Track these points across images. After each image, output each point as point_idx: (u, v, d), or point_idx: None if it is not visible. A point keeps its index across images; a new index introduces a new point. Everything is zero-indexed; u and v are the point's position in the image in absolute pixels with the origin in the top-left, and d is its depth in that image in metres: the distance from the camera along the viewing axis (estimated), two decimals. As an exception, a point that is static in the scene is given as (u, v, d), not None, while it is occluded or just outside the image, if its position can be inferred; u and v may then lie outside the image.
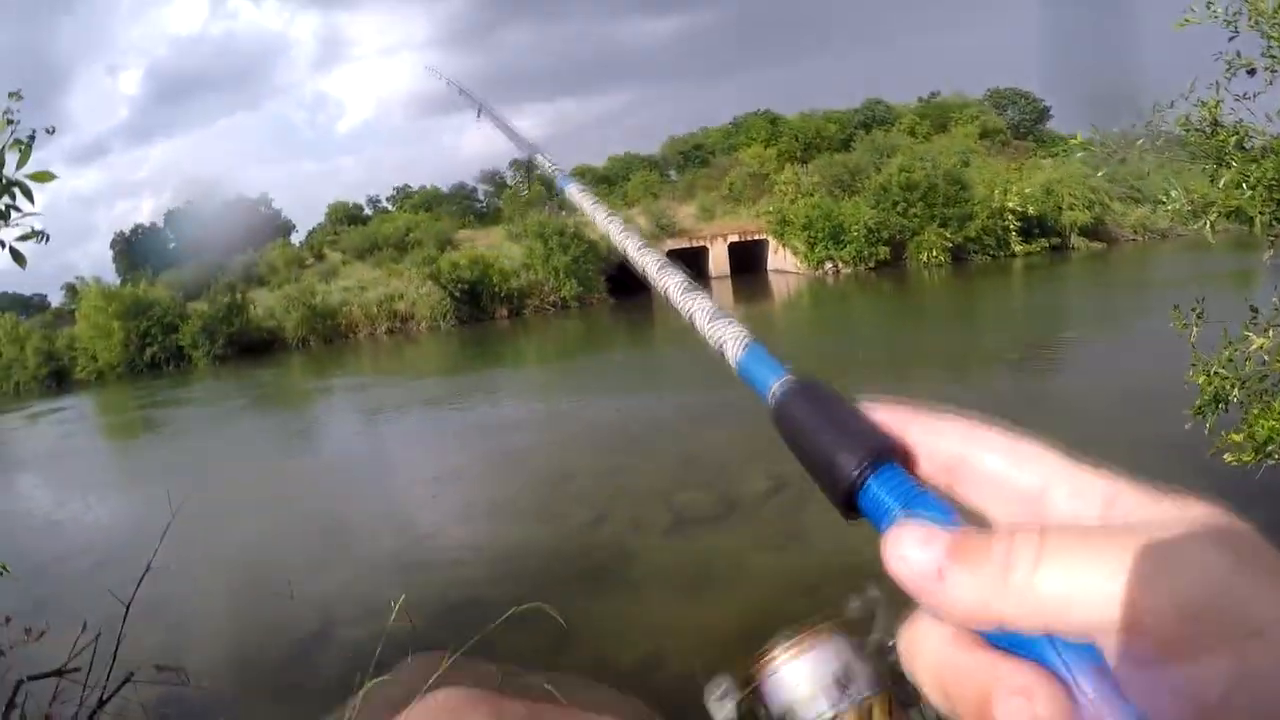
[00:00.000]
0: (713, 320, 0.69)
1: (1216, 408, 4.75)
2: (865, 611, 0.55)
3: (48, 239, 3.07)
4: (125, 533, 12.12)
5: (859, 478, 0.45)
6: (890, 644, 0.53)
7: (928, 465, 0.47)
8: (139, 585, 3.34)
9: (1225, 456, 4.57)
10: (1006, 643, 0.38)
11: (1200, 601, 0.33)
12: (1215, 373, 4.68)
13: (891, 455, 0.46)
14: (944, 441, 0.47)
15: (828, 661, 0.60)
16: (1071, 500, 0.42)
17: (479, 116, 1.76)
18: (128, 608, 3.26)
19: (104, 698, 3.22)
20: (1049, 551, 0.37)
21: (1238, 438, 4.49)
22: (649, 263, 0.82)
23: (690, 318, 0.72)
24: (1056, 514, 0.41)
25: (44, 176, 2.86)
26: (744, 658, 0.61)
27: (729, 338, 0.65)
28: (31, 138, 2.84)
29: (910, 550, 0.40)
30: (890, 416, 0.49)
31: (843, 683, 0.57)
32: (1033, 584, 0.36)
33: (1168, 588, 0.33)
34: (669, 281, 0.78)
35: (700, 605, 7.51)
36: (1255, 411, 4.44)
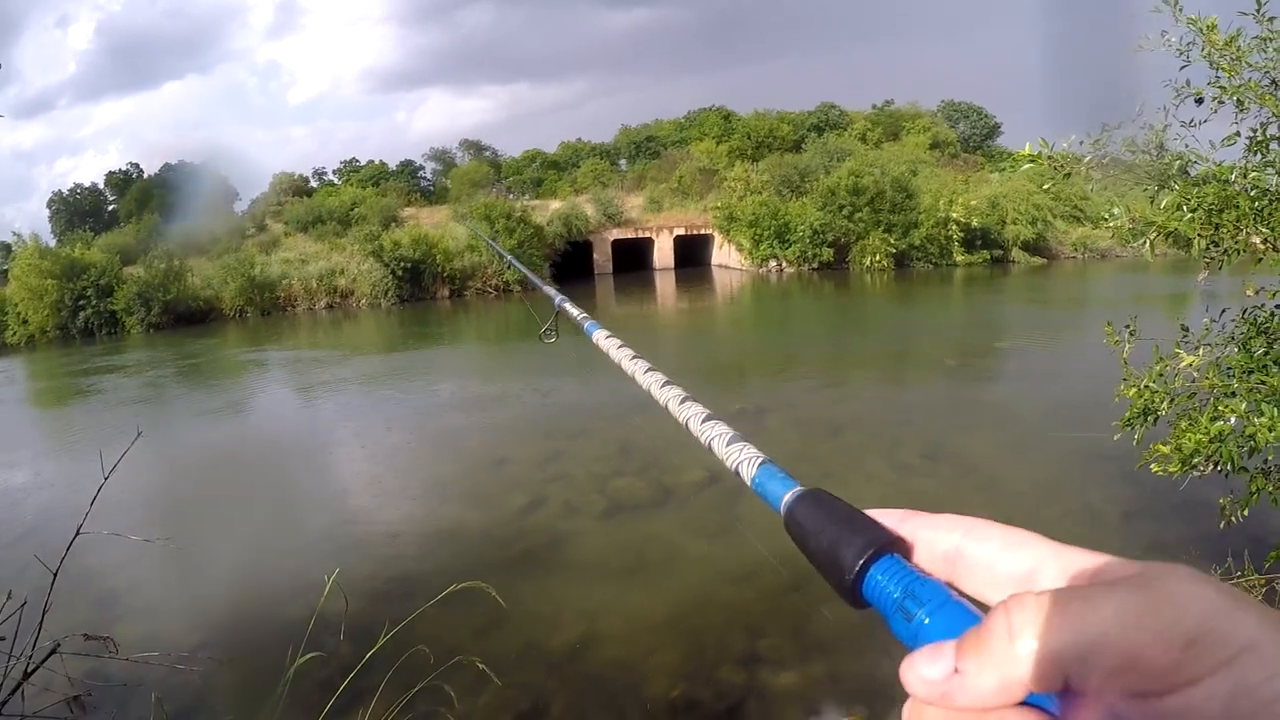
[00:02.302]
0: (730, 444, 0.78)
1: (1145, 420, 4.89)
2: None
3: None
4: (54, 501, 11.84)
5: (861, 568, 0.50)
6: None
7: (927, 557, 0.52)
8: (67, 552, 3.28)
9: (1152, 467, 4.72)
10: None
11: (1196, 629, 0.36)
12: (1146, 386, 4.83)
13: (891, 547, 0.51)
14: (941, 535, 0.52)
15: None
16: (1061, 577, 0.46)
17: (506, 266, 1.94)
18: (55, 574, 3.19)
19: (29, 670, 3.15)
20: (1048, 612, 0.40)
21: (1165, 449, 4.64)
22: (671, 397, 0.97)
23: (709, 443, 0.81)
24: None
25: None
26: None
27: (745, 459, 0.73)
28: None
29: (925, 669, 0.44)
30: (890, 516, 0.54)
31: None
32: (1040, 644, 0.39)
33: (1166, 621, 0.37)
34: (689, 413, 0.90)
35: (634, 590, 7.57)
36: (1183, 426, 4.59)
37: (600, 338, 1.41)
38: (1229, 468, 4.43)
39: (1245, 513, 4.78)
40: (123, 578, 8.51)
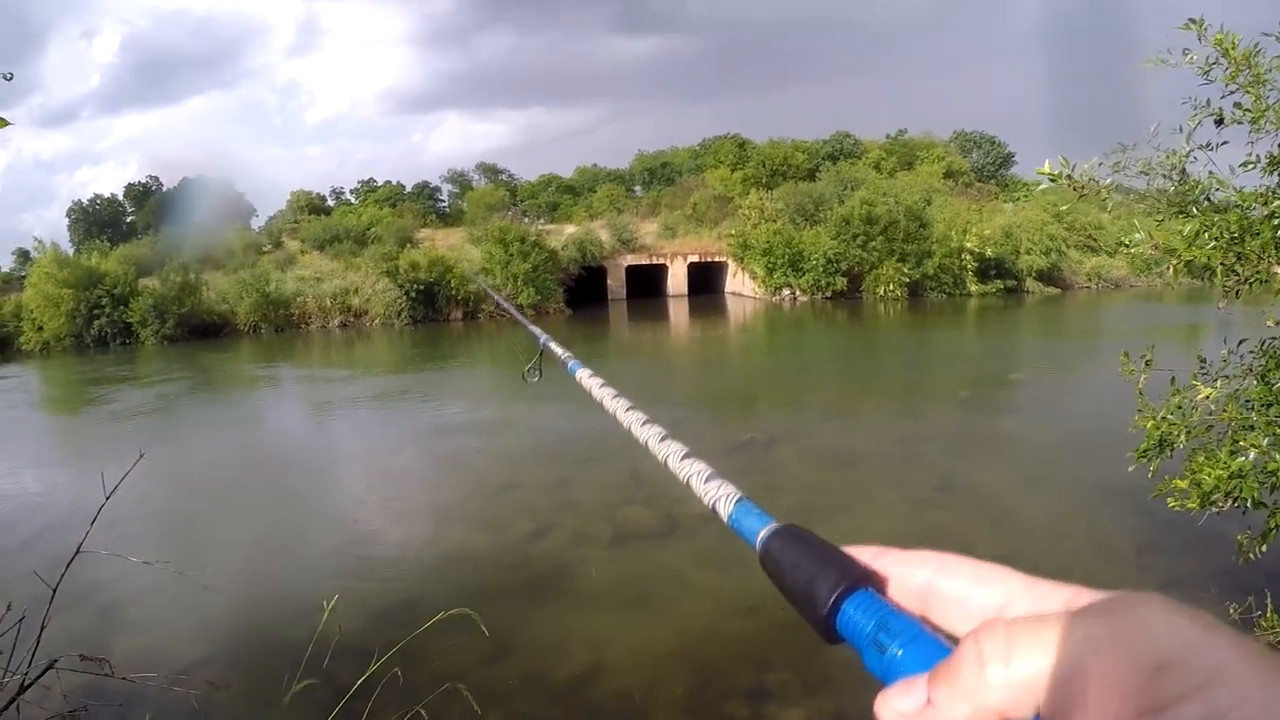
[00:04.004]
0: (707, 482, 0.77)
1: (1161, 453, 4.81)
2: None
3: None
4: (56, 512, 11.82)
5: (834, 602, 0.51)
6: None
7: (901, 592, 0.52)
8: (67, 569, 3.23)
9: (1169, 501, 4.63)
10: None
11: (1166, 655, 0.36)
12: (1163, 419, 4.75)
13: (864, 582, 0.52)
14: (914, 570, 0.52)
15: None
16: (1033, 609, 0.46)
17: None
18: (54, 591, 3.15)
19: (25, 684, 3.10)
20: (1018, 639, 0.41)
21: (1182, 484, 4.55)
22: (651, 435, 0.98)
23: (687, 479, 0.82)
24: None
25: None
26: None
27: (721, 496, 0.73)
28: None
29: (898, 702, 0.44)
30: (864, 552, 0.54)
31: None
32: (1011, 671, 0.40)
33: (1136, 647, 0.37)
34: (669, 450, 0.90)
35: (639, 621, 7.47)
36: (1200, 460, 4.50)
37: (583, 376, 1.40)
38: (1248, 503, 4.35)
39: (1264, 549, 4.69)
40: (122, 593, 8.47)
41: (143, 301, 38.60)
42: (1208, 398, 4.64)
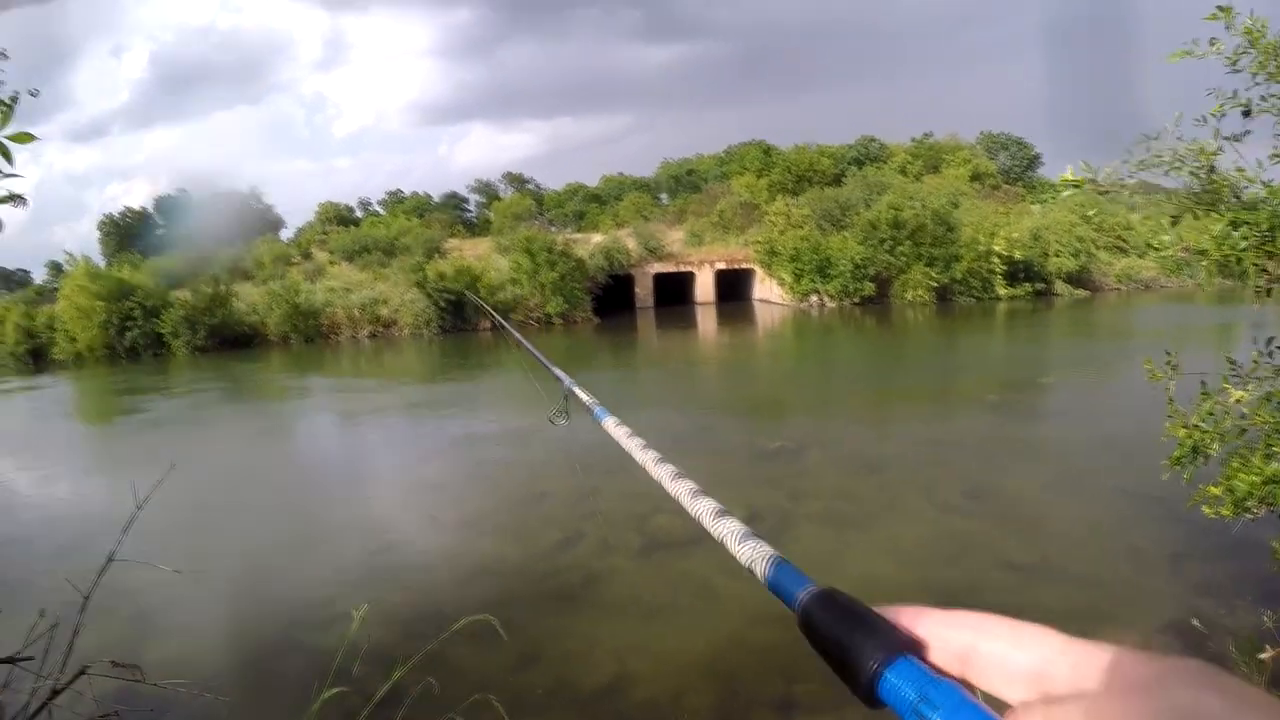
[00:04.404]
0: (742, 541, 0.77)
1: (1195, 460, 4.75)
2: None
3: (25, 203, 3.02)
4: (89, 519, 11.96)
5: (877, 671, 0.51)
6: None
7: (941, 656, 0.52)
8: (100, 577, 3.27)
9: (1204, 509, 4.57)
10: None
11: None
12: (1195, 425, 4.68)
13: (906, 649, 0.52)
14: (954, 633, 0.52)
15: None
16: (1073, 673, 0.46)
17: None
18: (86, 599, 3.18)
19: (57, 688, 3.14)
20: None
21: (1216, 491, 4.49)
22: (683, 490, 0.95)
23: (722, 539, 0.81)
24: (1060, 688, 0.45)
25: (24, 138, 2.83)
26: None
27: (758, 557, 0.73)
28: (14, 99, 2.82)
29: None
30: (904, 614, 0.55)
31: None
32: None
33: None
34: (700, 507, 0.89)
35: (666, 631, 7.45)
36: (1234, 465, 4.44)
37: (610, 425, 1.39)
38: (1284, 509, 4.29)
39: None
40: (153, 600, 8.53)
41: (174, 313, 39.17)
42: (1239, 401, 4.58)
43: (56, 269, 50.17)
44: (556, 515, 11.12)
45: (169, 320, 39.01)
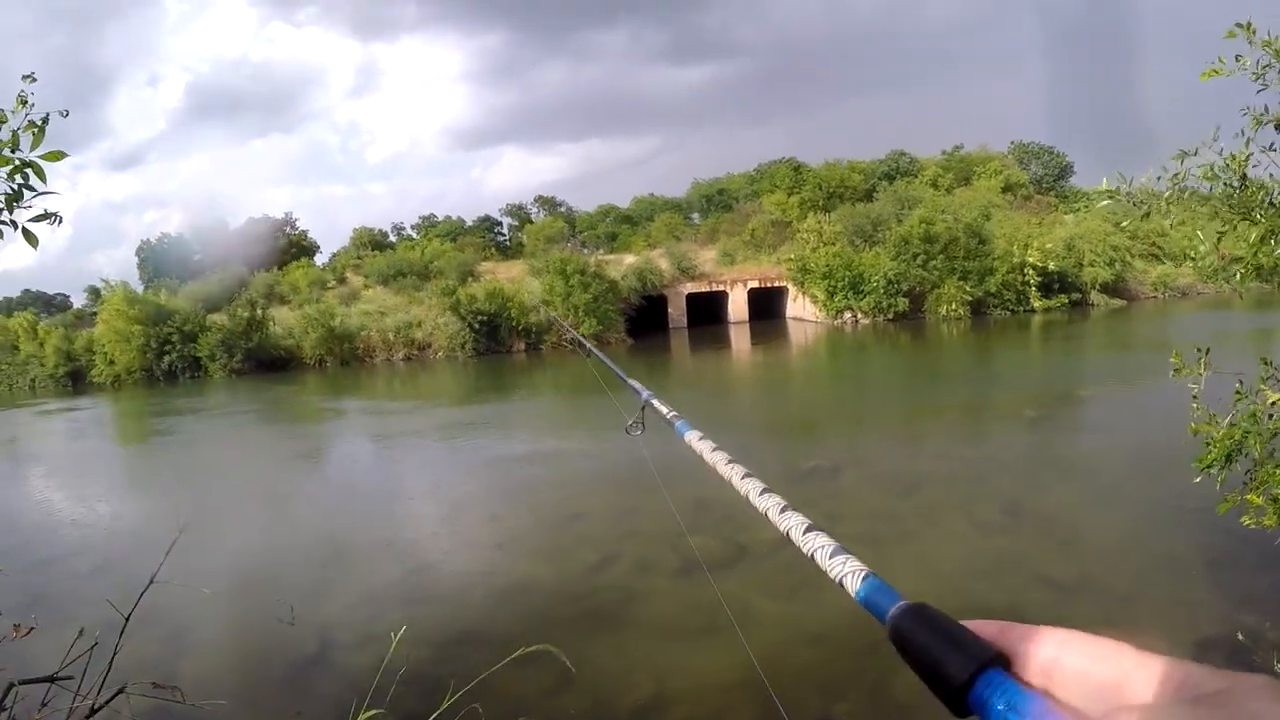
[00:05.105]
0: (833, 556, 0.80)
1: (1227, 463, 4.66)
2: None
3: (60, 221, 3.10)
4: (128, 539, 12.14)
5: (968, 681, 0.53)
6: None
7: (1026, 668, 0.54)
8: (140, 598, 3.31)
9: (1243, 519, 4.48)
10: None
11: None
12: (1238, 426, 4.58)
13: (993, 662, 0.54)
14: (1038, 648, 0.54)
15: None
16: (1150, 687, 0.48)
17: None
18: (127, 620, 3.22)
19: (95, 707, 3.17)
20: None
21: (1257, 499, 4.40)
22: (770, 505, 0.98)
23: (812, 554, 0.84)
24: (1139, 701, 0.47)
25: (55, 156, 2.90)
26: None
27: (849, 571, 0.76)
28: (45, 120, 2.89)
29: None
30: (989, 627, 0.57)
31: None
32: None
33: None
34: (790, 522, 0.92)
35: (705, 651, 7.40)
36: (1269, 468, 4.35)
37: (693, 439, 1.41)
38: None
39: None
40: (190, 619, 8.61)
41: (211, 337, 39.82)
42: (1275, 404, 4.49)
43: (95, 294, 51.05)
44: (593, 534, 11.12)
45: (206, 344, 39.63)
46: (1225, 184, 4.49)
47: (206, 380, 38.69)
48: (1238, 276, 4.38)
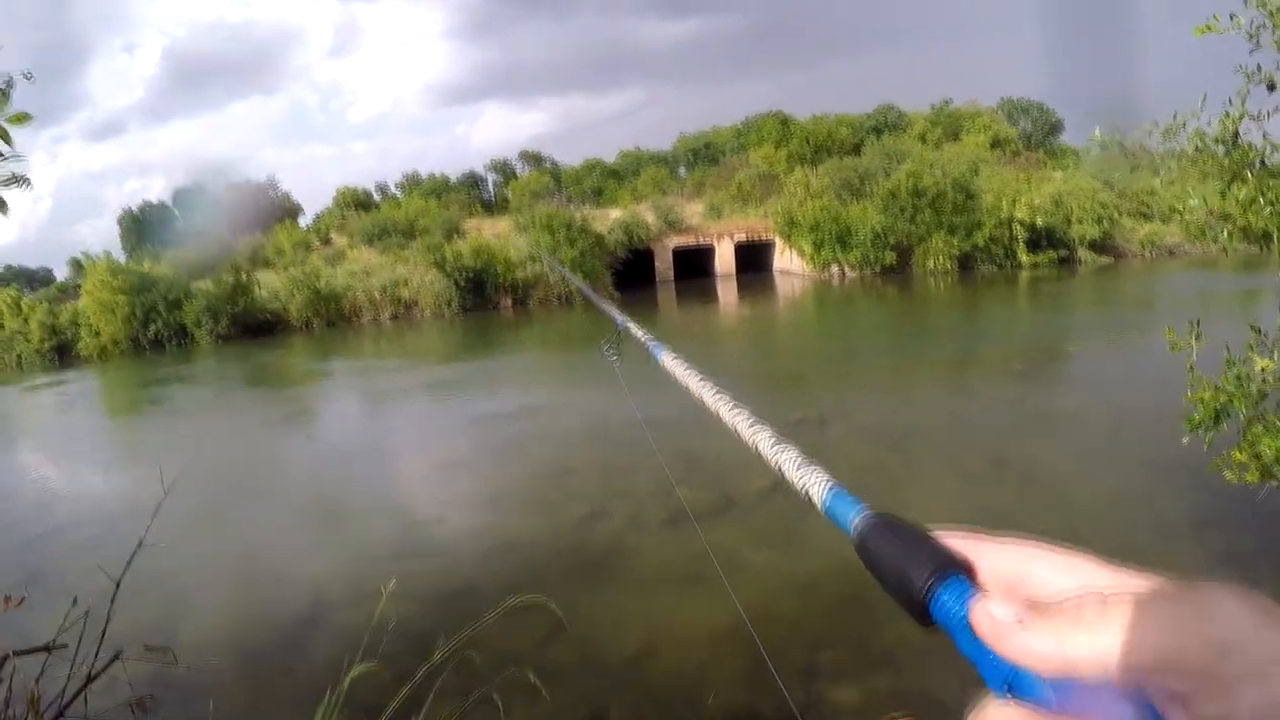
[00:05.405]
0: (800, 468, 0.80)
1: (1216, 425, 4.71)
2: None
3: (29, 184, 3.06)
4: (118, 508, 12.11)
5: (929, 588, 0.54)
6: None
7: (991, 580, 0.55)
8: (130, 562, 3.33)
9: (1227, 474, 4.54)
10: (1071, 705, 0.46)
11: (1231, 639, 0.41)
12: (1222, 389, 4.63)
13: (958, 569, 0.55)
14: (1004, 559, 0.55)
15: None
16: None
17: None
18: (118, 585, 3.24)
19: (92, 674, 3.20)
20: (1110, 609, 0.45)
21: (1241, 456, 4.45)
22: (740, 420, 0.98)
23: (779, 466, 0.85)
24: None
25: (21, 118, 2.87)
26: None
27: (814, 483, 0.76)
28: (10, 83, 2.86)
29: (996, 609, 0.50)
30: (955, 537, 0.58)
31: None
32: (1097, 634, 0.44)
33: (1207, 631, 0.41)
34: (759, 436, 0.92)
35: (695, 601, 7.48)
36: (1258, 429, 4.40)
37: (667, 359, 1.42)
38: (1311, 476, 4.24)
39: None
40: (182, 584, 8.65)
41: (196, 303, 39.51)
42: (1265, 370, 4.53)
43: (78, 266, 50.57)
44: (582, 488, 11.17)
45: (191, 311, 39.34)
46: (1219, 141, 4.48)
47: (193, 347, 38.46)
48: (1225, 234, 4.40)
